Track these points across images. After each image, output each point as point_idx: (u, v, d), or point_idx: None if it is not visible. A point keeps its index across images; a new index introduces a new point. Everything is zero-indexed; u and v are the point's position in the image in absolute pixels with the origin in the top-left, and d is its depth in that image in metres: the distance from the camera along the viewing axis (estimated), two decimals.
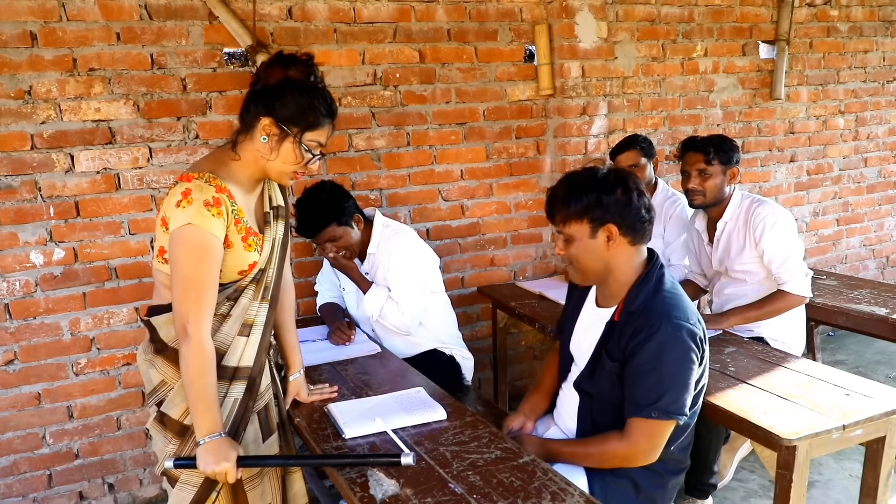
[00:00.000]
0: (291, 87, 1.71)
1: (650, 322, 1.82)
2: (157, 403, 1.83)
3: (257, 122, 1.72)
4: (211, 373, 1.70)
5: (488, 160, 3.64)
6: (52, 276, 2.85)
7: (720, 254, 2.90)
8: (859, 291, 3.18)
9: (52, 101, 2.75)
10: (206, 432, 1.67)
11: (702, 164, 2.75)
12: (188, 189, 1.67)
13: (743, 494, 2.97)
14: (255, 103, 1.73)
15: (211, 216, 1.67)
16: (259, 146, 1.74)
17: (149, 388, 1.85)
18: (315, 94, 1.73)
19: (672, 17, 3.93)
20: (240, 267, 1.79)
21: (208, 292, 1.70)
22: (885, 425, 2.01)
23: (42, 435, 2.94)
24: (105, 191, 2.88)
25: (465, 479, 1.67)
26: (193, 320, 1.66)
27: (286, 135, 1.72)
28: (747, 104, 4.29)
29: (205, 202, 1.66)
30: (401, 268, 2.77)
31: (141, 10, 2.83)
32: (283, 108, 1.70)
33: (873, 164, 4.86)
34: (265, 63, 1.77)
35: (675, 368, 1.81)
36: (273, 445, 1.97)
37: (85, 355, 2.95)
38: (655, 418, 1.81)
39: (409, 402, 2.10)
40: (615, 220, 1.85)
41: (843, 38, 4.54)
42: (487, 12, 3.48)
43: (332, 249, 2.75)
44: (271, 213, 1.89)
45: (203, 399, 1.68)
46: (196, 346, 1.67)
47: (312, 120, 1.72)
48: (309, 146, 1.74)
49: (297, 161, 1.75)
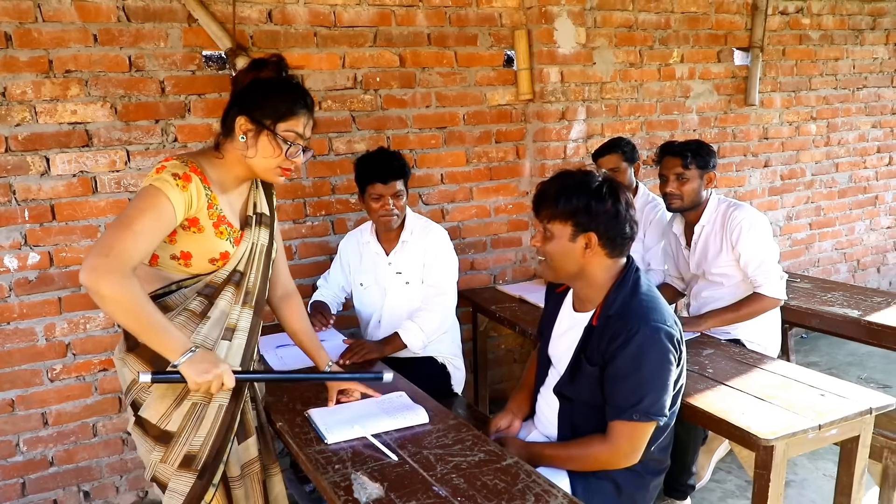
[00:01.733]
0: (260, 83, 1.78)
1: (628, 326, 1.83)
2: (132, 405, 1.82)
3: (233, 123, 1.77)
4: (148, 299, 1.62)
5: (468, 164, 3.66)
6: (26, 281, 2.80)
7: (697, 257, 2.94)
8: (832, 294, 3.24)
9: (27, 102, 2.71)
10: (180, 352, 1.62)
11: (679, 168, 2.79)
12: (163, 165, 1.72)
13: (720, 495, 3.01)
14: (230, 105, 1.80)
15: (174, 185, 1.67)
16: (239, 145, 1.78)
17: (123, 388, 1.84)
18: (283, 86, 1.79)
19: (649, 24, 3.98)
20: (210, 254, 1.79)
21: (141, 240, 1.61)
22: (859, 425, 2.05)
23: (15, 443, 2.89)
24: (81, 194, 2.84)
25: (450, 482, 1.67)
26: (116, 256, 1.55)
27: (261, 128, 1.75)
28: (722, 110, 4.36)
29: (173, 174, 1.69)
30: (444, 262, 2.82)
31: (119, 12, 2.80)
32: (254, 104, 1.75)
33: (844, 169, 4.97)
34: (241, 70, 1.85)
35: (654, 371, 1.83)
36: (251, 448, 1.96)
37: (60, 361, 2.91)
38: (636, 420, 1.83)
39: (392, 406, 2.09)
40: (598, 230, 1.86)
41: (814, 45, 4.63)
42: (467, 17, 3.50)
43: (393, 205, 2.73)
44: (254, 218, 1.90)
45: (157, 325, 1.61)
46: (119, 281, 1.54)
47: (283, 110, 1.76)
48: (285, 137, 1.77)
49: (277, 154, 1.77)
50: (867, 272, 5.24)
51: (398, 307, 2.85)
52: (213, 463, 1.81)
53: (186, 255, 1.77)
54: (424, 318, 2.73)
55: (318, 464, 1.80)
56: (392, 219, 2.75)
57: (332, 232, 3.38)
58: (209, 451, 1.80)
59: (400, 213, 2.77)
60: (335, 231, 3.38)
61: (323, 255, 3.37)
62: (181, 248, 1.77)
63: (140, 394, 1.80)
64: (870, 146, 5.05)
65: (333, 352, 2.63)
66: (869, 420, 2.06)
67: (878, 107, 5.02)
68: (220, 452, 1.83)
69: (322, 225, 3.36)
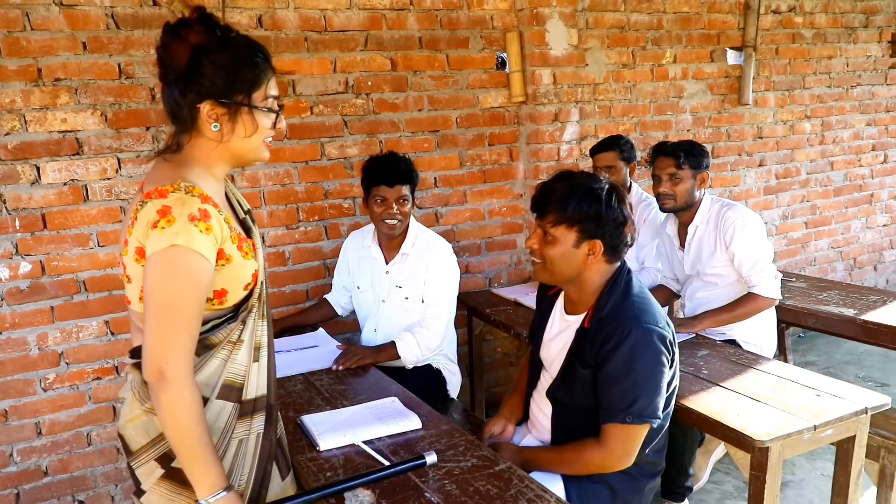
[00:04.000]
0: (207, 55, 1.42)
1: (621, 328, 1.83)
2: (158, 459, 1.53)
3: (196, 113, 1.44)
4: (202, 419, 1.43)
5: (462, 167, 3.65)
6: (18, 290, 2.79)
7: (692, 258, 2.93)
8: (828, 293, 3.23)
9: (16, 111, 2.70)
10: (210, 490, 1.43)
11: (672, 168, 2.79)
12: (166, 206, 1.37)
13: (718, 496, 2.99)
14: (178, 94, 1.43)
15: (198, 233, 1.38)
16: (214, 135, 1.46)
17: (143, 442, 1.53)
18: (238, 48, 1.45)
19: (641, 25, 3.98)
20: (244, 281, 1.52)
21: (192, 325, 1.41)
22: (854, 425, 2.04)
23: (9, 453, 2.87)
24: (72, 202, 2.83)
25: (442, 488, 1.66)
26: (174, 360, 1.37)
27: (235, 108, 1.45)
28: (716, 109, 4.35)
29: (190, 216, 1.37)
30: (444, 280, 2.77)
31: (108, 20, 2.79)
32: (215, 83, 1.42)
33: (839, 167, 4.96)
34: (160, 45, 1.44)
35: (647, 373, 1.82)
36: (292, 483, 1.74)
37: (53, 370, 2.89)
38: (630, 423, 1.82)
39: (384, 412, 2.08)
40: (603, 239, 1.85)
41: (807, 44, 4.63)
42: (459, 20, 3.49)
43: (396, 210, 2.69)
44: (248, 218, 1.64)
45: (200, 452, 1.42)
46: (179, 392, 1.38)
47: (252, 76, 1.45)
48: (266, 105, 1.49)
49: (262, 127, 1.49)
50: (863, 271, 5.24)
51: (395, 320, 2.83)
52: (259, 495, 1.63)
53: (221, 293, 1.49)
54: (423, 336, 2.72)
55: (310, 471, 1.79)
56: (395, 224, 2.71)
57: (325, 237, 3.37)
58: (254, 483, 1.60)
59: (403, 220, 2.74)
60: (328, 236, 3.37)
61: (316, 261, 3.36)
62: (213, 288, 1.47)
63: None
64: (864, 144, 5.05)
65: (327, 357, 2.62)
66: (865, 420, 2.05)
67: (872, 104, 5.01)
68: (265, 483, 1.63)
69: (315, 230, 3.34)
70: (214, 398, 1.52)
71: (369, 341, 2.87)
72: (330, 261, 3.35)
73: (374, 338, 2.86)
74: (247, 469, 1.59)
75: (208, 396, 1.52)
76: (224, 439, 1.55)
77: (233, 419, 1.55)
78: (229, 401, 1.54)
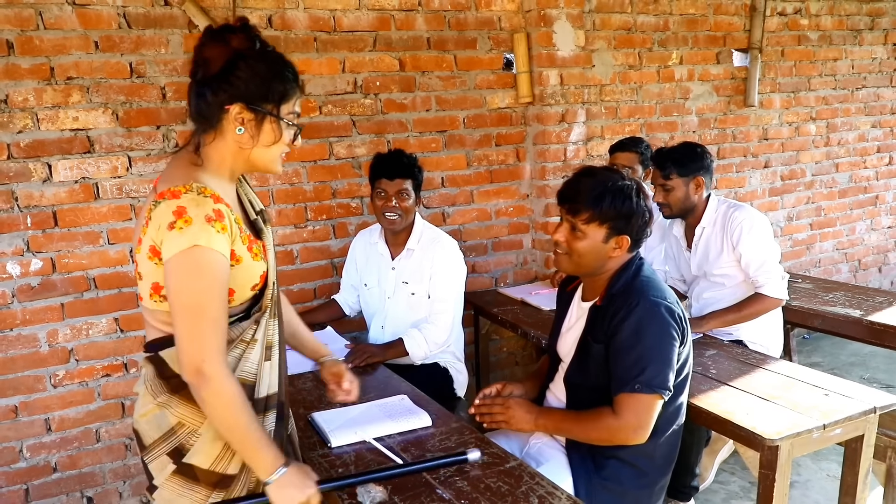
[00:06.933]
0: (246, 60, 1.47)
1: (629, 300, 1.90)
2: (170, 454, 1.55)
3: (223, 114, 1.48)
4: (246, 409, 1.48)
5: (469, 168, 3.66)
6: (29, 287, 2.81)
7: (699, 258, 2.94)
8: (834, 294, 3.24)
9: (28, 109, 2.71)
10: (271, 469, 1.49)
11: (661, 179, 2.81)
12: (181, 207, 1.41)
13: (724, 496, 3.00)
14: (210, 93, 1.47)
15: (216, 233, 1.42)
16: (236, 139, 1.50)
17: (156, 436, 1.55)
18: (275, 61, 1.51)
19: (648, 26, 3.99)
20: (252, 281, 1.55)
21: (222, 322, 1.46)
22: (863, 424, 2.05)
23: (19, 449, 2.89)
24: (83, 200, 2.85)
25: (453, 485, 1.67)
26: (210, 358, 1.42)
27: (263, 115, 1.50)
28: (722, 111, 4.36)
29: (206, 217, 1.41)
30: (450, 276, 2.79)
31: (120, 19, 2.81)
32: (249, 88, 1.47)
33: (844, 169, 4.97)
34: (198, 45, 1.50)
35: (655, 342, 1.86)
36: None
37: (63, 367, 2.91)
38: (639, 392, 1.85)
39: (394, 410, 2.10)
40: (631, 234, 1.93)
41: (813, 46, 4.64)
42: (466, 21, 3.51)
43: (396, 203, 2.72)
44: (260, 219, 1.67)
45: (251, 440, 1.48)
46: (220, 386, 1.43)
47: (283, 89, 1.51)
48: (288, 119, 1.54)
49: (282, 140, 1.54)
50: (868, 272, 5.24)
51: (402, 316, 2.84)
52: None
53: (229, 292, 1.51)
54: (430, 332, 2.74)
55: (321, 467, 1.80)
56: (395, 220, 2.75)
57: (333, 236, 3.38)
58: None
59: (404, 215, 2.76)
60: (336, 235, 3.38)
61: (324, 260, 3.37)
62: None
63: (189, 438, 1.55)
64: (870, 146, 5.05)
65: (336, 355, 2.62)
66: (873, 420, 2.06)
67: (878, 106, 5.02)
68: None
69: (323, 229, 3.36)
70: None
71: (377, 338, 2.89)
72: (337, 260, 3.36)
73: (382, 335, 2.88)
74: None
75: None
76: None
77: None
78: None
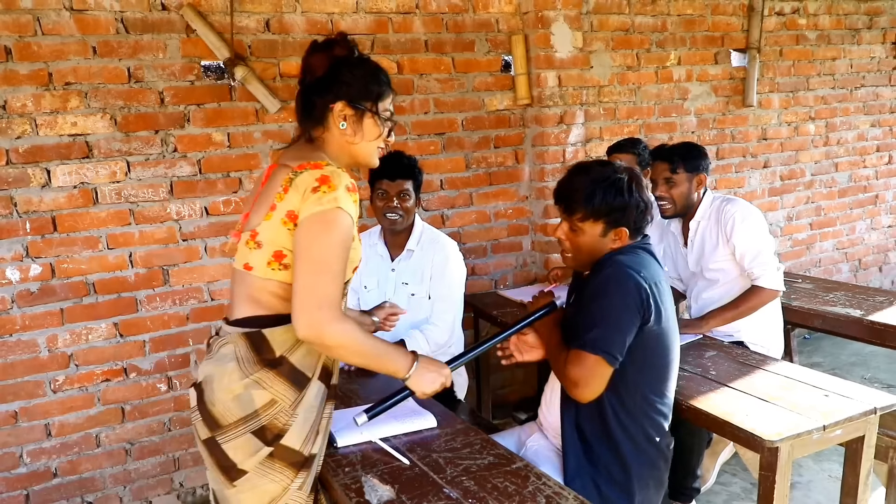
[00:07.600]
0: (347, 65, 1.70)
1: (604, 266, 1.93)
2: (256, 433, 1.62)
3: (328, 112, 1.70)
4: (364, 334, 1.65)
5: (467, 170, 3.66)
6: (28, 293, 2.80)
7: (696, 254, 2.94)
8: (834, 294, 3.23)
9: (27, 115, 2.72)
10: (406, 368, 1.72)
11: (667, 172, 2.81)
12: (325, 175, 1.60)
13: (725, 498, 3.00)
14: (317, 95, 1.70)
15: (352, 203, 1.61)
16: (339, 133, 1.71)
17: (240, 415, 1.61)
18: (371, 66, 1.74)
19: (646, 27, 3.99)
20: (354, 263, 1.72)
21: (340, 279, 1.59)
22: (863, 425, 2.04)
23: (19, 454, 2.88)
24: (82, 205, 2.85)
25: (460, 484, 1.67)
26: (327, 305, 1.55)
27: (363, 112, 1.70)
28: (721, 111, 4.36)
29: (347, 187, 1.61)
30: (450, 276, 2.79)
31: (117, 24, 2.81)
32: (350, 87, 1.69)
33: (844, 168, 4.97)
34: (306, 57, 1.75)
35: (609, 305, 1.86)
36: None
37: (63, 372, 2.90)
38: (581, 349, 1.86)
39: (399, 411, 2.08)
40: (629, 225, 1.93)
41: (811, 45, 4.64)
42: (464, 23, 3.51)
43: (397, 203, 2.72)
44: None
45: (379, 354, 1.70)
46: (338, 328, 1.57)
47: (378, 90, 1.72)
48: (384, 116, 1.74)
49: (381, 134, 1.75)
50: (869, 272, 5.24)
51: (403, 318, 2.83)
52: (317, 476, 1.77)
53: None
54: (431, 332, 2.74)
55: (329, 467, 1.81)
56: (396, 220, 2.75)
57: None
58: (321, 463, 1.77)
59: (404, 216, 2.76)
60: None
61: None
62: None
63: (280, 417, 1.62)
64: (869, 145, 5.05)
65: None
66: (874, 420, 2.05)
67: (877, 106, 5.02)
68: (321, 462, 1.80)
69: None
70: (315, 378, 1.70)
71: None
72: None
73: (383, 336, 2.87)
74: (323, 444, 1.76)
75: (310, 376, 1.67)
76: (319, 417, 1.71)
77: (323, 400, 1.72)
78: (323, 383, 1.72)
